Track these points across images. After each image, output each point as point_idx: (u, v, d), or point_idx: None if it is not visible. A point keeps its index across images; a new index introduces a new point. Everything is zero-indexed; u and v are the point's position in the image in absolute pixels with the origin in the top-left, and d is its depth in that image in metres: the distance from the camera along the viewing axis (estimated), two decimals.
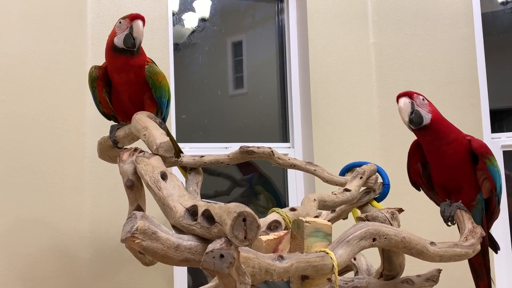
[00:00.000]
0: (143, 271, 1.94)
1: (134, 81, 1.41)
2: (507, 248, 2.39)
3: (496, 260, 2.35)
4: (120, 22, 1.38)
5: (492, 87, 2.50)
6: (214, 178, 2.45)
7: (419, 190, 1.58)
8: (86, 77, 1.50)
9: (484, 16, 2.55)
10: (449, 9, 2.50)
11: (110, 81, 1.47)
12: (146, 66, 1.42)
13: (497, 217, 1.51)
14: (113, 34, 1.39)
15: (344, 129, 2.36)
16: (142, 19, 1.38)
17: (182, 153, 1.59)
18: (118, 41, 1.37)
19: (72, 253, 1.88)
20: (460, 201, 1.43)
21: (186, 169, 1.60)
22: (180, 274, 2.10)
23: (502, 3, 2.73)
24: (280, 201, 2.52)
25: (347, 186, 1.50)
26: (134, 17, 1.37)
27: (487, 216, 1.50)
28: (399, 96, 1.44)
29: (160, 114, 1.50)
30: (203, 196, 1.67)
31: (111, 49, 1.38)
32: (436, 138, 1.39)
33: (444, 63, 2.46)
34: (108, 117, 1.56)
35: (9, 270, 1.77)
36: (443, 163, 1.41)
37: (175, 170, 1.80)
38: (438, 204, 1.58)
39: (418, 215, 1.78)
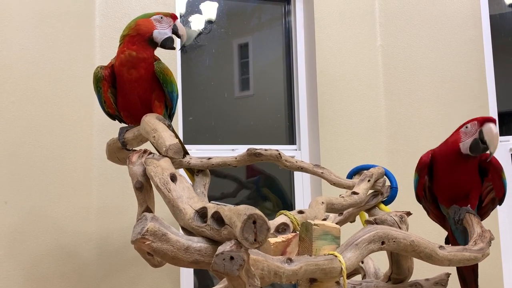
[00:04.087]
0: (149, 272, 1.94)
1: (144, 78, 1.42)
2: None
3: (505, 267, 2.33)
4: (161, 18, 1.43)
5: (500, 90, 2.49)
6: (220, 180, 2.45)
7: (420, 202, 1.58)
8: None
9: (492, 18, 2.54)
10: (457, 11, 2.49)
11: (115, 82, 1.48)
12: (154, 63, 1.44)
13: (485, 218, 1.53)
14: (151, 26, 1.41)
15: (351, 131, 2.36)
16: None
17: (188, 154, 1.59)
18: (159, 35, 1.41)
19: (79, 253, 1.89)
20: (469, 205, 1.43)
21: (193, 173, 1.61)
22: (187, 276, 2.10)
23: (510, 5, 2.71)
24: (287, 203, 2.52)
25: (354, 189, 1.50)
26: (176, 17, 1.45)
27: (478, 214, 1.50)
28: (490, 120, 1.36)
29: (170, 110, 1.52)
30: (210, 198, 1.67)
31: (146, 39, 1.41)
32: (471, 163, 1.39)
33: (451, 66, 2.45)
34: (112, 117, 1.57)
35: (16, 270, 1.78)
36: (457, 179, 1.42)
37: (182, 173, 1.80)
38: (436, 220, 1.60)
39: (426, 219, 1.77)
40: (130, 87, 1.44)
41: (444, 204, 1.51)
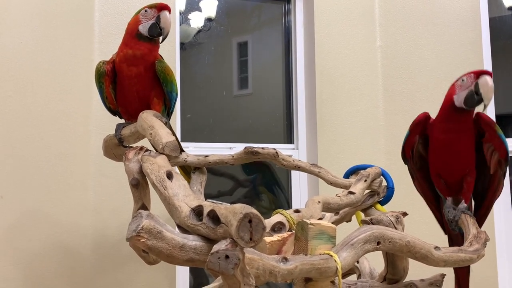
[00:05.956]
0: (145, 269, 1.94)
1: (144, 75, 1.42)
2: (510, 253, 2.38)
3: (500, 268, 2.34)
4: (146, 11, 1.40)
5: (498, 92, 2.49)
6: (217, 178, 2.45)
7: (406, 163, 1.56)
8: (93, 74, 1.50)
9: (492, 21, 2.54)
10: (456, 13, 2.49)
11: (116, 78, 1.47)
12: (156, 61, 1.43)
13: (499, 195, 1.48)
14: (136, 22, 1.40)
15: (349, 131, 2.36)
16: (169, 10, 1.40)
17: (184, 151, 1.59)
18: (143, 29, 1.39)
19: (75, 249, 1.89)
20: (463, 200, 1.42)
21: (187, 172, 1.60)
22: (182, 273, 2.10)
23: (510, 8, 2.72)
24: (283, 202, 2.52)
25: (351, 189, 1.50)
26: (162, 8, 1.40)
27: (488, 195, 1.47)
28: (485, 73, 1.33)
29: (169, 109, 1.51)
30: (206, 196, 1.67)
31: (135, 36, 1.39)
32: (468, 121, 1.37)
33: (450, 67, 2.46)
34: (113, 112, 1.56)
35: (11, 265, 1.78)
36: (452, 146, 1.39)
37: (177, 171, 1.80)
38: (419, 189, 1.57)
39: (421, 219, 1.78)
40: (130, 83, 1.44)
41: (439, 187, 1.48)
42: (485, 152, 1.42)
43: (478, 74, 1.33)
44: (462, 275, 1.49)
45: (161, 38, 1.44)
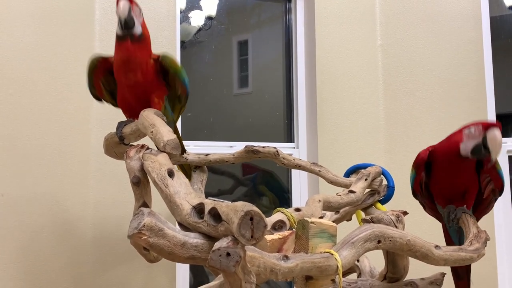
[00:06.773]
0: (145, 267, 1.94)
1: (141, 82, 1.41)
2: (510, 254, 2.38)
3: (500, 267, 2.35)
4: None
5: (499, 91, 2.49)
6: (217, 177, 2.45)
7: (416, 198, 1.57)
8: None
9: (492, 20, 2.54)
10: (457, 12, 2.49)
11: (108, 77, 1.47)
12: (160, 57, 1.41)
13: (487, 213, 1.52)
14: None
15: (349, 130, 2.36)
16: None
17: (186, 151, 1.59)
18: (117, 28, 1.36)
19: (75, 247, 1.89)
20: (465, 206, 1.43)
21: (187, 172, 1.60)
22: (182, 272, 2.10)
23: (511, 7, 2.72)
24: (284, 201, 2.52)
25: (351, 188, 1.50)
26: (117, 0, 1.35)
27: (478, 210, 1.50)
28: (495, 126, 1.30)
29: (186, 100, 1.50)
30: (207, 194, 1.68)
31: (116, 39, 1.38)
32: (469, 162, 1.38)
33: (451, 67, 2.46)
34: (99, 99, 1.57)
35: (12, 263, 1.78)
36: (454, 178, 1.41)
37: None
38: (432, 214, 1.59)
39: (422, 218, 1.78)
40: (129, 89, 1.43)
41: (440, 203, 1.51)
42: (481, 180, 1.44)
43: (487, 127, 1.30)
44: (463, 274, 1.50)
45: (130, 30, 1.34)
